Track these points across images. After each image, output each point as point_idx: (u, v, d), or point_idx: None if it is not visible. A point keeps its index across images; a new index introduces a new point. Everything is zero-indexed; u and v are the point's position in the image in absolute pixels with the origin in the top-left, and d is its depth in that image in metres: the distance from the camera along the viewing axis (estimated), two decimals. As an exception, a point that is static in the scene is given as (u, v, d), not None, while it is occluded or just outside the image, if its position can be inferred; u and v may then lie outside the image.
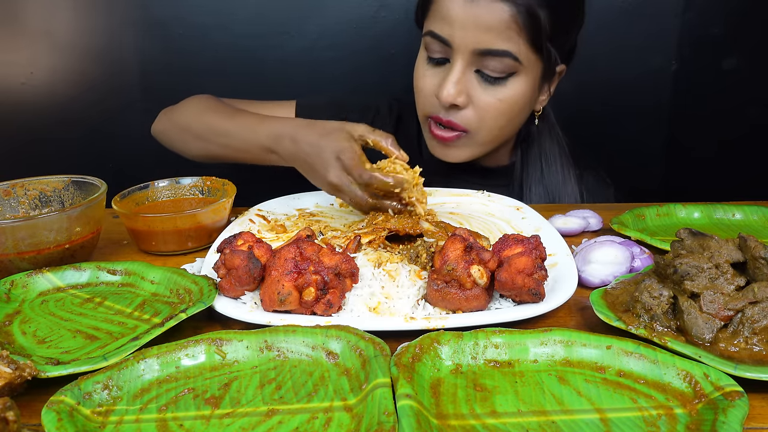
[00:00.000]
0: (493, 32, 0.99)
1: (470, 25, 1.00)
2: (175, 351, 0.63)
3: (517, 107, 1.07)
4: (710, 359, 0.59)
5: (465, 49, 1.02)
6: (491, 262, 0.71)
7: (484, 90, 1.05)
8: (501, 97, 1.05)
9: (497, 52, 1.00)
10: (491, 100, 1.05)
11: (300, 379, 0.62)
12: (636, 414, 0.56)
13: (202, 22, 1.60)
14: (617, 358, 0.62)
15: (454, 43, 1.02)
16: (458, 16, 1.00)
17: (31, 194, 0.95)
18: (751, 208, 1.02)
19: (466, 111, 1.06)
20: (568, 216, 1.00)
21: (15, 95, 1.65)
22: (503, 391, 0.59)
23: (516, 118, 1.10)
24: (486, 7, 0.98)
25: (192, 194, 1.03)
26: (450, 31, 1.02)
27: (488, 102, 1.05)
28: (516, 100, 1.06)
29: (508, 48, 1.00)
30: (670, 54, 1.65)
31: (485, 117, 1.06)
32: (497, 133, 1.10)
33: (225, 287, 0.74)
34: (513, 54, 1.01)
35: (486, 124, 1.07)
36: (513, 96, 1.05)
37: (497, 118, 1.07)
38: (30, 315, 0.75)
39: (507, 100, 1.05)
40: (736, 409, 0.53)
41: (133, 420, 0.56)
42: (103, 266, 0.83)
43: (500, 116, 1.07)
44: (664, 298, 0.66)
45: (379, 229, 0.87)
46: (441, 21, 1.03)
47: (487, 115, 1.06)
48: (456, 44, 1.02)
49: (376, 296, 0.73)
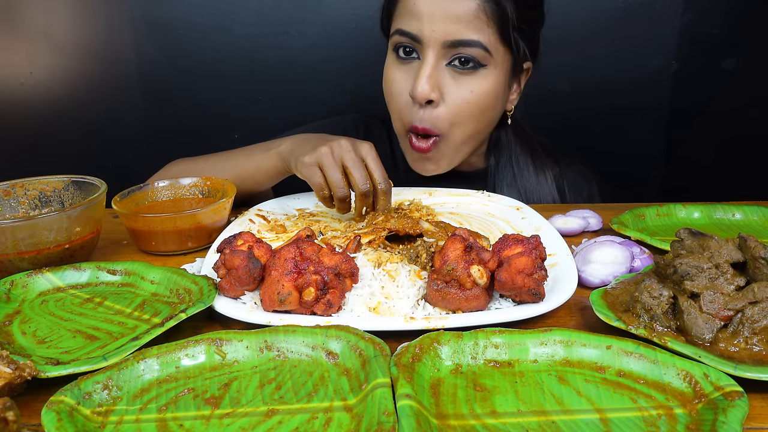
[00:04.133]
0: (462, 22, 1.00)
1: (439, 17, 1.01)
2: (175, 351, 0.63)
3: (489, 100, 1.07)
4: (710, 359, 0.59)
5: (435, 43, 1.02)
6: (491, 262, 0.71)
7: (456, 83, 1.05)
8: (473, 89, 1.05)
9: (467, 42, 1.01)
10: (464, 93, 1.05)
11: (300, 379, 0.62)
12: (636, 414, 0.56)
13: (202, 23, 1.60)
14: (617, 358, 0.62)
15: (423, 37, 1.03)
16: (427, 9, 1.01)
17: (31, 194, 0.95)
18: (751, 208, 1.02)
19: (440, 109, 1.06)
20: (568, 216, 1.00)
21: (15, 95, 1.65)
22: (503, 391, 0.59)
23: (489, 113, 1.10)
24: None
25: (192, 194, 1.03)
26: (419, 26, 1.02)
27: (461, 96, 1.05)
28: (488, 92, 1.06)
29: (478, 38, 1.01)
30: (670, 55, 1.65)
31: (459, 112, 1.06)
32: (471, 130, 1.09)
33: (225, 287, 0.74)
34: (483, 44, 1.02)
35: (460, 120, 1.07)
36: (484, 88, 1.05)
37: (470, 111, 1.07)
38: (30, 315, 0.75)
39: (479, 92, 1.05)
40: (736, 409, 0.53)
41: (133, 420, 0.56)
42: (103, 266, 0.83)
43: (473, 109, 1.06)
44: (664, 298, 0.66)
45: (379, 229, 0.87)
46: (409, 17, 1.04)
47: (460, 110, 1.06)
48: (426, 38, 1.02)
49: (376, 296, 0.73)
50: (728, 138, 1.70)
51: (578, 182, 1.24)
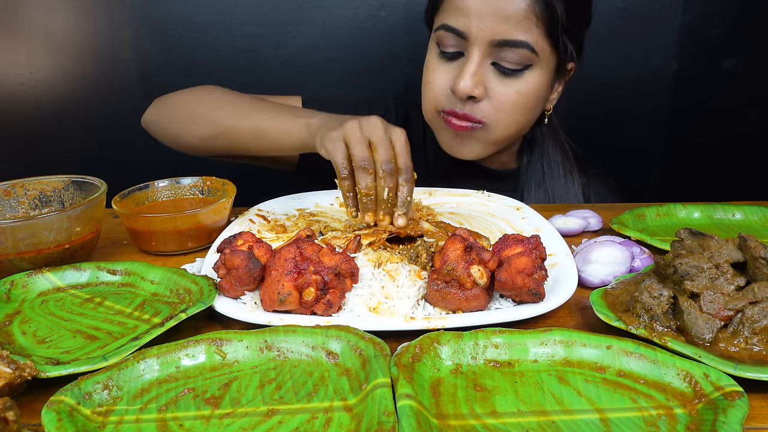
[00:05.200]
0: (510, 22, 0.99)
1: (488, 15, 0.99)
2: (175, 351, 0.63)
3: (533, 100, 1.07)
4: (710, 359, 0.59)
5: (482, 41, 1.01)
6: (491, 262, 0.71)
7: (500, 82, 1.04)
8: (518, 89, 1.05)
9: (515, 43, 1.00)
10: (509, 92, 1.05)
11: (300, 379, 0.62)
12: (636, 414, 0.56)
13: (202, 23, 1.60)
14: (617, 358, 0.62)
15: (470, 34, 1.02)
16: (475, 6, 1.00)
17: (31, 194, 0.95)
18: (751, 208, 1.02)
19: (483, 103, 1.06)
20: (568, 216, 1.00)
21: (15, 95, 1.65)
22: (503, 391, 0.59)
23: (531, 112, 1.10)
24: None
25: (192, 194, 1.03)
26: (466, 23, 1.01)
27: (505, 94, 1.05)
28: (533, 92, 1.06)
29: (525, 38, 1.00)
30: (670, 54, 1.65)
31: (502, 109, 1.06)
32: (513, 128, 1.10)
33: (225, 287, 0.74)
34: (530, 45, 1.01)
35: (503, 117, 1.07)
36: (529, 88, 1.05)
37: (514, 111, 1.07)
38: (30, 315, 0.75)
39: (524, 93, 1.05)
40: (736, 409, 0.53)
41: (133, 420, 0.56)
42: (103, 266, 0.83)
43: (517, 109, 1.07)
44: (664, 298, 0.66)
45: (380, 231, 0.87)
46: (456, 13, 1.03)
47: (503, 107, 1.06)
48: (473, 35, 1.02)
49: (376, 296, 0.73)
50: (728, 137, 1.70)
51: (603, 194, 1.26)
